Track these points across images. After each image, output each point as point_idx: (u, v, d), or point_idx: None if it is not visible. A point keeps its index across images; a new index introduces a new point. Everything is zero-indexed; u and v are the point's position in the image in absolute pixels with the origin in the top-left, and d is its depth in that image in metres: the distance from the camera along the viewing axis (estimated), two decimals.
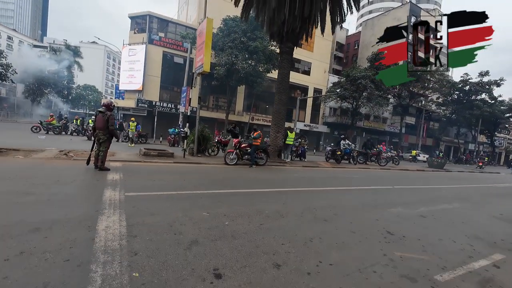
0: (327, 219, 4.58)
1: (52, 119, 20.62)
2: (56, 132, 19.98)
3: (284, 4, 10.08)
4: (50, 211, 3.59)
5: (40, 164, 6.54)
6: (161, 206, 4.27)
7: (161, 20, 25.27)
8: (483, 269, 3.29)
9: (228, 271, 2.54)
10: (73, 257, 2.50)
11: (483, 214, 6.36)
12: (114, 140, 7.92)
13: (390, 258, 3.26)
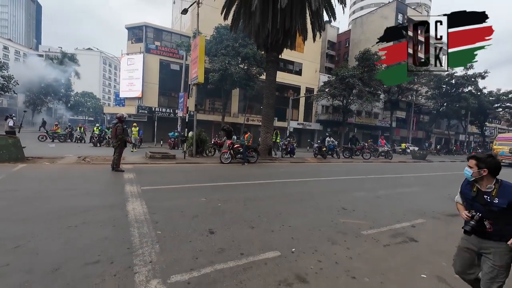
0: (298, 200, 5.94)
1: (57, 128, 21.85)
2: (62, 140, 21.14)
3: (267, 19, 11.40)
4: (90, 200, 4.93)
5: (67, 169, 7.87)
6: (170, 195, 5.63)
7: (156, 29, 26.58)
8: (401, 228, 4.65)
9: (218, 230, 3.88)
10: (117, 224, 3.85)
11: (434, 195, 7.73)
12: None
13: (335, 223, 4.62)
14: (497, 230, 2.08)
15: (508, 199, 2.00)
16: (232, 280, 2.66)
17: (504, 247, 2.05)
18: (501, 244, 2.06)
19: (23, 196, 4.90)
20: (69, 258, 2.85)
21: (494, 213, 2.07)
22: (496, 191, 2.10)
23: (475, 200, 2.20)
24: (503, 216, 2.06)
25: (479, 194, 2.18)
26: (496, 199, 2.06)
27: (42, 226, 3.63)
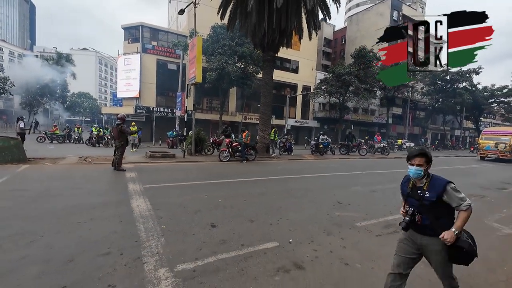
0: (296, 196, 6.17)
1: (56, 129, 21.88)
2: (60, 141, 21.18)
3: (263, 19, 11.56)
4: (95, 198, 5.12)
5: (69, 169, 8.03)
6: (172, 192, 5.83)
7: (153, 29, 26.57)
8: (394, 220, 4.89)
9: (220, 224, 4.10)
10: (124, 219, 4.05)
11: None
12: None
13: (331, 216, 4.85)
14: (429, 224, 2.06)
15: (436, 192, 2.00)
16: (234, 268, 2.87)
17: (439, 243, 2.02)
18: (436, 240, 2.02)
19: (30, 195, 5.07)
20: (82, 251, 3.05)
21: (426, 207, 2.06)
22: (427, 185, 2.09)
23: (410, 196, 2.20)
24: (433, 210, 2.05)
25: (413, 189, 2.18)
26: (427, 193, 2.06)
27: (52, 223, 3.83)
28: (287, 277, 2.79)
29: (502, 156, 17.62)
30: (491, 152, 18.41)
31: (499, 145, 17.83)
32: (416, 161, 2.09)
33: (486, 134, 19.78)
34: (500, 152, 17.74)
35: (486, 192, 7.60)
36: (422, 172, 2.07)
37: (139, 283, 2.52)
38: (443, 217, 2.04)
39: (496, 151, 17.99)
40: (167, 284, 2.53)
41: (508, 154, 17.54)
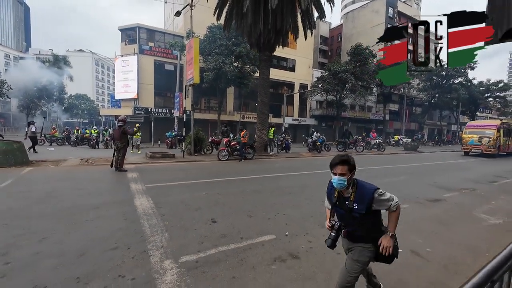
0: (293, 192, 6.40)
1: (55, 131, 21.99)
2: (59, 143, 21.30)
3: (259, 19, 11.75)
4: (100, 198, 5.33)
5: (72, 170, 8.22)
6: (173, 191, 6.05)
7: (149, 30, 26.68)
8: (385, 213, 5.12)
9: (220, 220, 4.32)
10: (128, 217, 4.27)
11: (420, 183, 8.26)
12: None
13: None
14: (360, 235, 1.96)
15: (365, 204, 1.82)
16: (234, 259, 3.10)
17: (364, 245, 1.94)
18: (365, 244, 1.96)
19: (37, 196, 5.27)
20: (91, 246, 3.27)
21: (356, 219, 1.89)
22: (353, 195, 1.89)
23: (337, 206, 2.01)
24: (364, 221, 1.89)
25: (340, 199, 1.97)
26: (355, 204, 1.87)
27: (61, 222, 4.03)
28: (283, 266, 3.02)
29: (486, 151, 16.72)
30: (475, 147, 17.51)
31: (483, 139, 16.89)
32: (338, 170, 1.87)
33: (470, 128, 18.66)
34: (484, 147, 16.83)
35: (477, 186, 7.88)
36: (345, 182, 1.85)
37: (146, 273, 2.74)
38: (374, 225, 1.96)
39: (480, 145, 17.04)
40: (172, 273, 2.75)
41: (492, 149, 16.58)
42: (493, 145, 16.56)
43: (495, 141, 16.62)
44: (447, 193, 6.88)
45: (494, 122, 18.40)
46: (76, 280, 2.57)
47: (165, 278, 2.67)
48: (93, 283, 2.54)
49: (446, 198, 6.42)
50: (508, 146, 17.91)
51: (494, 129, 16.94)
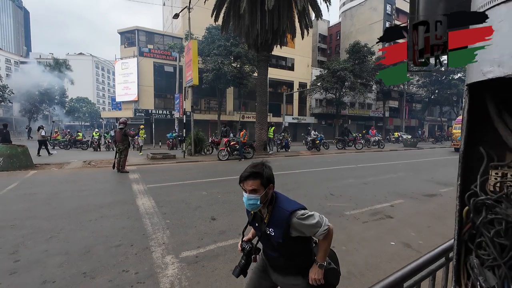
0: (290, 189, 6.54)
1: (57, 135, 22.24)
2: (62, 147, 21.52)
3: (256, 20, 11.88)
4: (103, 198, 5.49)
5: (75, 173, 8.40)
6: (173, 190, 6.20)
7: (148, 33, 26.88)
8: (381, 208, 5.26)
9: (219, 217, 4.47)
10: (131, 216, 4.43)
11: (417, 179, 8.38)
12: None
13: (322, 206, 5.22)
14: (288, 267, 1.52)
15: (280, 230, 1.40)
16: (232, 253, 3.25)
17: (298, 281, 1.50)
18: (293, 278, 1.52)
19: (42, 198, 5.44)
20: (96, 243, 3.42)
21: (274, 246, 1.48)
22: (268, 216, 1.46)
23: (254, 225, 1.60)
24: (284, 249, 1.46)
25: (256, 217, 1.56)
26: (271, 229, 1.44)
27: (66, 221, 4.19)
28: None
29: None
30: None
31: None
32: (248, 186, 1.44)
33: (459, 122, 16.64)
34: None
35: None
36: (258, 201, 1.42)
37: (149, 268, 2.89)
38: (298, 255, 1.50)
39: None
40: (173, 268, 2.90)
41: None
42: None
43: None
44: (444, 188, 7.00)
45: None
46: (82, 275, 2.73)
47: (166, 272, 2.82)
48: (99, 278, 2.69)
49: (442, 193, 6.54)
50: None
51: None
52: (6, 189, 6.15)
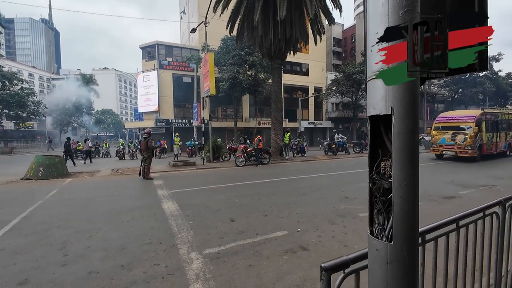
0: (306, 193, 6.75)
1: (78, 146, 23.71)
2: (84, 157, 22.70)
3: (269, 30, 12.33)
4: (132, 202, 6.01)
5: (106, 180, 9.14)
6: (195, 195, 6.63)
7: (167, 46, 28.35)
8: None
9: (238, 219, 4.80)
10: (158, 218, 4.86)
11: (436, 181, 8.26)
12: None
13: (336, 209, 5.40)
14: None
15: None
16: (250, 250, 3.54)
17: None
18: None
19: (79, 203, 6.06)
20: (129, 242, 3.86)
21: None
22: None
23: None
24: None
25: None
26: None
27: (102, 222, 4.70)
28: (294, 256, 3.41)
29: (461, 153, 12.52)
30: (447, 147, 13.16)
31: (456, 137, 12.66)
32: None
33: (440, 121, 14.03)
34: (458, 147, 12.59)
35: (498, 182, 7.78)
36: None
37: (177, 262, 3.26)
38: None
39: (453, 145, 12.79)
40: (198, 262, 3.25)
41: (469, 150, 12.25)
42: (470, 145, 12.27)
43: (473, 138, 12.30)
44: (464, 190, 6.90)
45: (473, 112, 13.81)
46: (121, 267, 3.14)
47: (192, 266, 3.17)
48: (135, 270, 3.09)
49: (461, 195, 6.46)
50: (495, 144, 13.57)
51: (471, 122, 12.61)
52: (48, 195, 6.88)
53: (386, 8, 0.69)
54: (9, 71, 37.54)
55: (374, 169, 0.80)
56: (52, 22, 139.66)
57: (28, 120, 38.93)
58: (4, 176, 10.15)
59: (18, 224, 4.72)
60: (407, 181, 0.68)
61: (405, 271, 0.69)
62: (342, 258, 0.99)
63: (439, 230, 1.55)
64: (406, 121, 0.66)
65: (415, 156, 0.68)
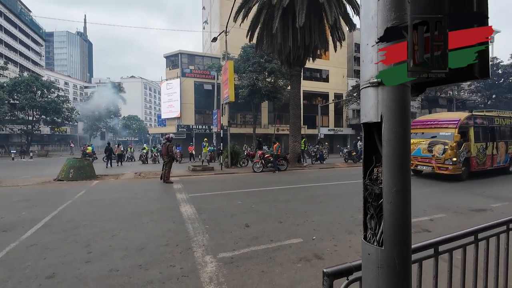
0: (323, 201, 6.63)
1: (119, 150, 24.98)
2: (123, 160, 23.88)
3: (288, 38, 12.44)
4: (152, 205, 6.25)
5: (129, 183, 9.60)
6: (212, 199, 6.75)
7: (190, 55, 29.47)
8: (418, 221, 5.09)
9: (253, 224, 4.82)
10: (176, 221, 5.01)
11: (464, 192, 7.78)
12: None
13: (354, 218, 5.25)
14: None
15: None
16: (264, 257, 3.55)
17: None
18: None
19: (105, 204, 6.40)
20: (148, 242, 4.01)
21: None
22: None
23: None
24: None
25: None
26: None
27: (125, 223, 4.93)
28: (308, 264, 3.37)
29: (440, 169, 9.48)
30: (422, 161, 10.10)
31: (434, 148, 9.65)
32: None
33: (417, 126, 10.88)
34: (436, 160, 9.57)
35: None
36: None
37: (192, 264, 3.34)
38: None
39: (430, 158, 9.76)
40: (212, 266, 3.30)
41: (449, 165, 9.19)
42: (452, 158, 9.16)
43: (455, 150, 9.16)
44: (496, 203, 6.43)
45: (456, 115, 10.49)
46: (139, 267, 3.28)
47: (206, 269, 3.23)
48: (152, 270, 3.21)
49: (493, 208, 6.03)
50: (490, 157, 10.49)
51: (453, 128, 9.47)
52: (76, 195, 7.34)
53: (375, 21, 0.72)
54: (47, 80, 40.83)
55: (367, 175, 0.81)
56: (86, 34, 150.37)
57: (62, 125, 41.87)
58: (40, 177, 11.00)
59: (49, 221, 5.08)
60: (397, 187, 0.69)
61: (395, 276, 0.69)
62: (345, 264, 1.00)
63: (454, 242, 1.48)
64: (395, 128, 0.68)
65: (405, 162, 0.69)
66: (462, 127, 9.61)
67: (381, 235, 0.74)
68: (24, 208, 6.04)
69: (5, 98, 30.91)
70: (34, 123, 34.84)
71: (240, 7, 13.32)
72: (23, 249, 3.80)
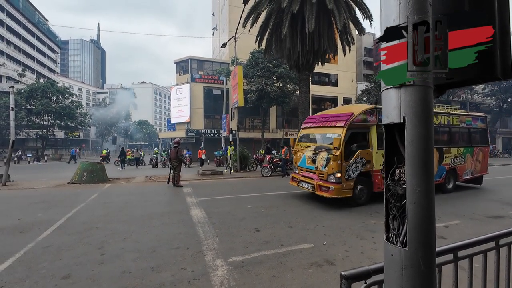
0: (333, 206, 6.53)
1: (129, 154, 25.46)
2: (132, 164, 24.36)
3: (297, 43, 12.48)
4: (163, 208, 6.32)
5: (140, 186, 9.74)
6: (222, 203, 6.77)
7: (199, 61, 29.95)
8: None
9: (263, 229, 4.80)
10: (186, 224, 5.05)
11: (481, 198, 7.55)
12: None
13: (366, 224, 5.16)
14: None
15: None
16: (275, 261, 3.53)
17: None
18: None
19: (117, 206, 6.52)
20: (159, 245, 4.05)
21: None
22: None
23: None
24: None
25: None
26: None
27: (136, 226, 5.00)
28: (319, 270, 3.33)
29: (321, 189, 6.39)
30: (306, 176, 7.02)
31: (317, 156, 6.69)
32: None
33: (307, 127, 7.86)
34: (319, 175, 6.56)
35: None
36: None
37: (202, 268, 3.35)
38: None
39: (314, 172, 6.76)
40: (222, 270, 3.30)
41: (331, 182, 6.18)
42: (334, 174, 6.17)
43: (338, 161, 6.20)
44: None
45: (347, 109, 7.79)
46: (151, 269, 3.31)
47: (217, 272, 3.23)
48: (164, 272, 3.23)
49: (511, 215, 5.82)
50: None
51: (340, 128, 6.54)
52: (90, 198, 7.50)
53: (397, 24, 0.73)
54: (62, 86, 42.18)
55: (390, 176, 0.81)
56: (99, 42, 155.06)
57: (75, 130, 43.02)
58: (54, 180, 11.30)
59: (64, 223, 5.21)
60: (421, 187, 0.68)
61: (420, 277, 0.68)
62: (363, 267, 0.99)
63: (474, 248, 1.45)
64: (418, 129, 0.68)
65: (428, 162, 0.69)
66: (356, 126, 6.54)
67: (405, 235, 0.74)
68: (40, 210, 6.22)
69: (22, 104, 32.06)
70: (49, 128, 35.94)
71: (249, 13, 13.48)
72: (39, 250, 3.91)
